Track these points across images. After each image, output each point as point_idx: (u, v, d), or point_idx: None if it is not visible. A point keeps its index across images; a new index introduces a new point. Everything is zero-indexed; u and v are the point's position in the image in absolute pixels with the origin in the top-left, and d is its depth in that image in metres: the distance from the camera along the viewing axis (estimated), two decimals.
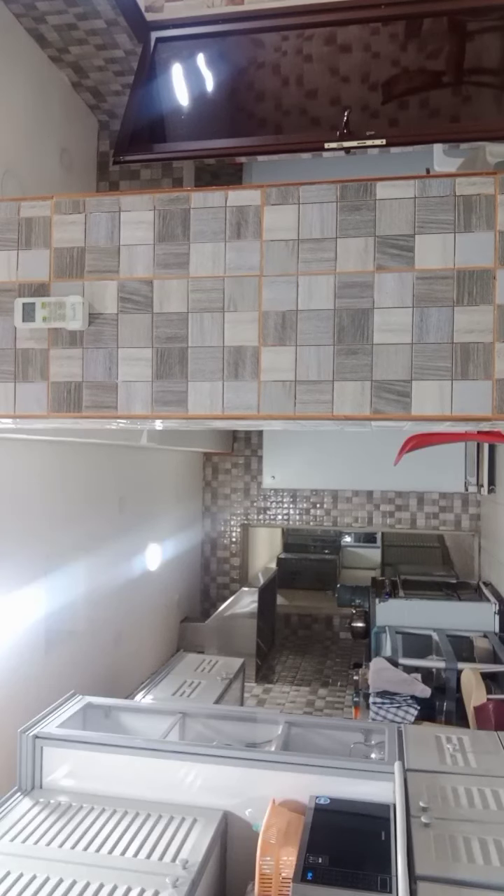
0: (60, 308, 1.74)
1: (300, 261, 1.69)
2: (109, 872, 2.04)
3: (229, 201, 1.73)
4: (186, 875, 1.99)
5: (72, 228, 1.80)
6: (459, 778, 2.32)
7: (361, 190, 1.67)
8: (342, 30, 2.92)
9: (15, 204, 1.83)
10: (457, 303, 1.62)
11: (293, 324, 1.68)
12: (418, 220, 1.64)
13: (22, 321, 1.77)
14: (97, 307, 1.77)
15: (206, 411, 1.72)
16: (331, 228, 1.68)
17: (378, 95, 2.91)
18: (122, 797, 2.42)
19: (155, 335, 1.75)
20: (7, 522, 2.99)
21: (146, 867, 2.06)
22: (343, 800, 2.25)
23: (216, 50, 3.10)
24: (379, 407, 1.64)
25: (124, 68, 3.60)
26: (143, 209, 1.76)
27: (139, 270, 1.76)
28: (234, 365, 1.71)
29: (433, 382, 1.63)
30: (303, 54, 3.06)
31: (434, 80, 2.96)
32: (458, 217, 1.63)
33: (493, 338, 1.61)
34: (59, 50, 3.46)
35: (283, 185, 1.71)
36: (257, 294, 1.71)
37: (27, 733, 2.52)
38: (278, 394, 1.68)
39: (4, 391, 1.83)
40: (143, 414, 1.76)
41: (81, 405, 1.79)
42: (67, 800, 2.42)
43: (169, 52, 3.08)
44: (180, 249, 1.74)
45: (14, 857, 2.11)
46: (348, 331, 1.66)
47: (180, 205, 1.75)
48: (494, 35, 2.89)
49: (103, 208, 1.79)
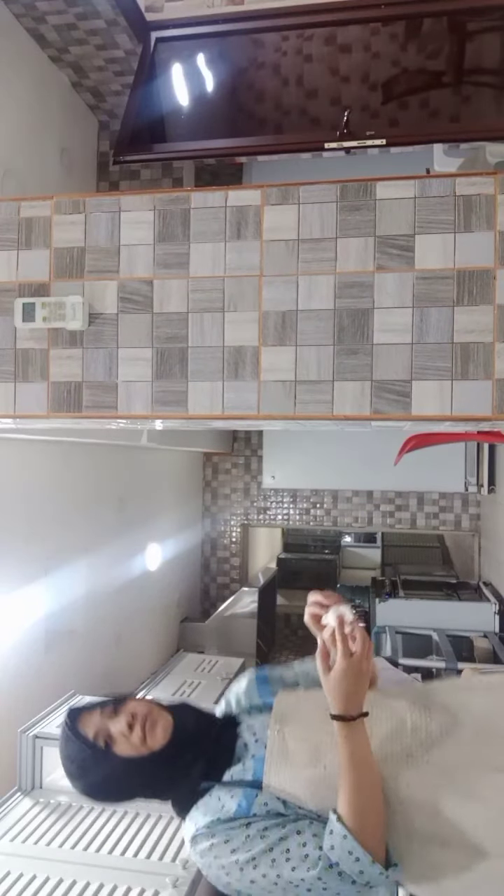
0: (60, 308, 1.74)
1: (300, 261, 1.69)
2: (109, 872, 2.04)
3: (229, 201, 1.73)
4: (186, 875, 1.99)
5: (72, 228, 1.80)
6: None
7: (361, 190, 1.67)
8: (342, 30, 2.92)
9: (15, 204, 1.83)
10: (457, 303, 1.62)
11: (293, 324, 1.68)
12: (418, 220, 1.64)
13: (22, 321, 1.77)
14: (97, 307, 1.77)
15: (206, 411, 1.72)
16: (331, 228, 1.68)
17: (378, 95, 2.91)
18: None
19: (155, 335, 1.75)
20: (7, 522, 2.99)
21: (146, 867, 2.06)
22: None
23: (216, 50, 3.10)
24: (379, 407, 1.64)
25: (124, 68, 3.60)
26: (143, 209, 1.76)
27: (139, 270, 1.76)
28: (234, 365, 1.71)
29: (433, 382, 1.63)
30: (303, 54, 3.06)
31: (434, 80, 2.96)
32: (458, 217, 1.63)
33: (493, 338, 1.61)
34: (59, 50, 3.46)
35: (283, 185, 1.71)
36: (257, 294, 1.71)
37: (27, 733, 2.52)
38: (278, 394, 1.68)
39: (4, 391, 1.83)
40: (143, 414, 1.76)
41: (81, 405, 1.79)
42: (67, 800, 2.42)
43: (169, 52, 3.07)
44: (180, 249, 1.74)
45: (14, 857, 2.11)
46: (348, 331, 1.66)
47: (180, 205, 1.75)
48: (494, 35, 2.89)
49: (103, 208, 1.79)
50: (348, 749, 1.14)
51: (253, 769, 1.25)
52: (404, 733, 1.24)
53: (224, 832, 1.19)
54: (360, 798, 1.13)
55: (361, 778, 1.14)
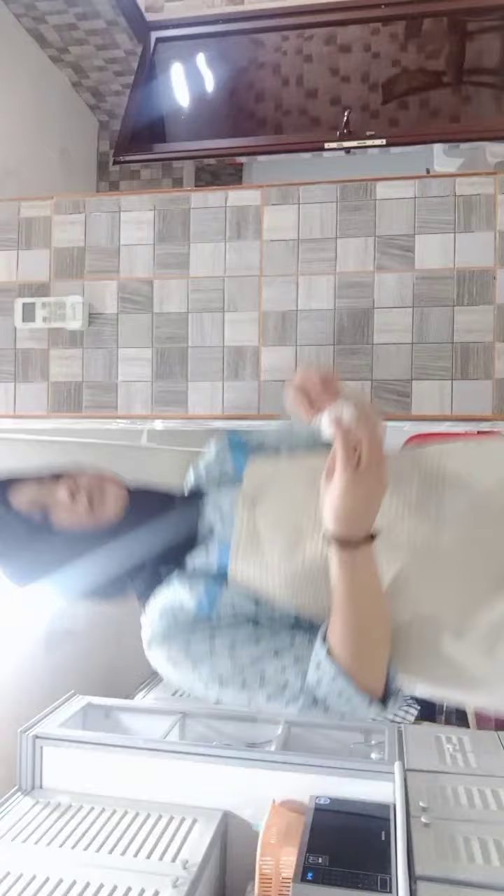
0: (60, 308, 1.74)
1: (300, 261, 1.69)
2: (109, 872, 2.04)
3: (229, 201, 1.73)
4: (186, 875, 1.99)
5: (72, 228, 1.80)
6: (459, 778, 2.32)
7: (361, 190, 1.67)
8: (342, 30, 2.92)
9: (15, 204, 1.83)
10: (457, 303, 1.62)
11: (293, 324, 1.68)
12: (418, 220, 1.64)
13: (22, 321, 1.77)
14: (97, 307, 1.77)
15: (206, 411, 1.72)
16: (331, 228, 1.68)
17: (378, 95, 2.91)
18: (122, 797, 2.42)
19: (155, 335, 1.75)
20: None
21: (146, 867, 2.06)
22: (343, 800, 2.24)
23: (216, 50, 3.10)
24: (379, 407, 1.64)
25: (124, 68, 3.60)
26: (143, 209, 1.76)
27: (139, 270, 1.76)
28: (235, 365, 1.71)
29: (433, 382, 1.63)
30: (303, 54, 3.06)
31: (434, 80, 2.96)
32: (458, 217, 1.63)
33: (493, 338, 1.61)
34: (59, 50, 3.46)
35: (283, 185, 1.71)
36: (257, 294, 1.71)
37: (27, 733, 2.52)
38: (278, 394, 1.68)
39: (4, 391, 1.83)
40: (143, 414, 1.76)
41: (81, 405, 1.79)
42: (67, 800, 2.42)
43: (169, 52, 3.08)
44: (180, 249, 1.74)
45: (14, 857, 2.11)
46: (348, 331, 1.66)
47: (180, 205, 1.75)
48: (494, 35, 2.89)
49: (103, 208, 1.79)
50: (346, 577, 0.87)
51: (218, 558, 1.00)
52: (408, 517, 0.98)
53: (182, 641, 0.95)
54: (357, 635, 0.89)
55: (361, 611, 0.88)
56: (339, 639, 0.89)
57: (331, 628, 0.90)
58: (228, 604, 0.96)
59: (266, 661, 0.92)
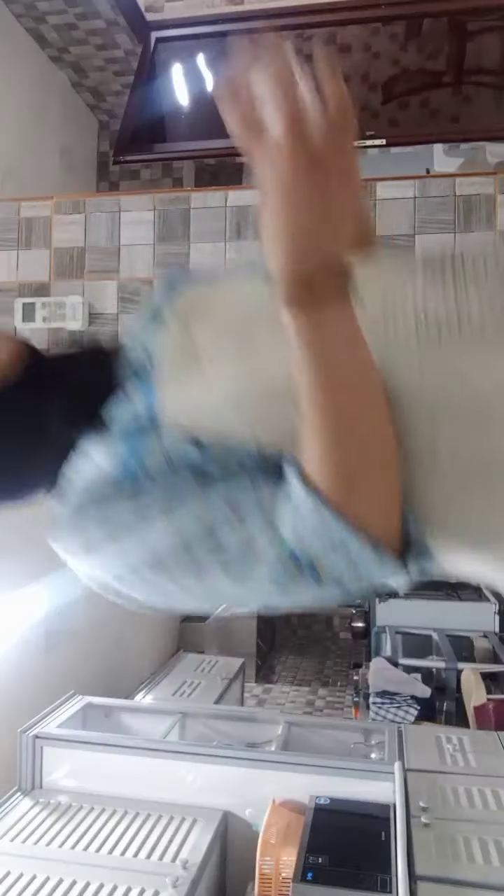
0: (60, 308, 1.74)
1: None
2: (109, 872, 2.04)
3: (229, 201, 1.73)
4: (186, 875, 1.99)
5: (72, 228, 1.80)
6: (459, 778, 2.32)
7: (361, 190, 1.67)
8: (342, 30, 2.93)
9: (15, 204, 1.83)
10: None
11: None
12: (418, 220, 1.64)
13: (22, 321, 1.77)
14: (97, 307, 1.77)
15: None
16: None
17: (378, 95, 2.91)
18: (122, 797, 2.42)
19: None
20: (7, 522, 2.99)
21: (146, 867, 2.06)
22: (343, 800, 2.24)
23: (216, 50, 3.10)
24: None
25: (124, 68, 3.60)
26: (143, 209, 1.77)
27: (139, 270, 1.76)
28: None
29: None
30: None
31: (434, 80, 2.96)
32: (458, 217, 1.63)
33: None
34: (59, 50, 3.46)
35: None
36: None
37: (27, 733, 2.52)
38: None
39: None
40: None
41: None
42: (67, 800, 2.42)
43: (169, 52, 3.08)
44: (180, 249, 1.74)
45: (14, 857, 2.11)
46: None
47: (180, 205, 1.75)
48: (494, 35, 2.89)
49: (103, 208, 1.79)
50: (313, 351, 0.55)
51: (144, 399, 0.68)
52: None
53: (99, 516, 0.65)
54: (344, 446, 0.58)
55: (344, 408, 0.57)
56: (318, 458, 0.58)
57: (305, 446, 0.59)
58: (159, 453, 0.65)
59: (217, 517, 0.62)
